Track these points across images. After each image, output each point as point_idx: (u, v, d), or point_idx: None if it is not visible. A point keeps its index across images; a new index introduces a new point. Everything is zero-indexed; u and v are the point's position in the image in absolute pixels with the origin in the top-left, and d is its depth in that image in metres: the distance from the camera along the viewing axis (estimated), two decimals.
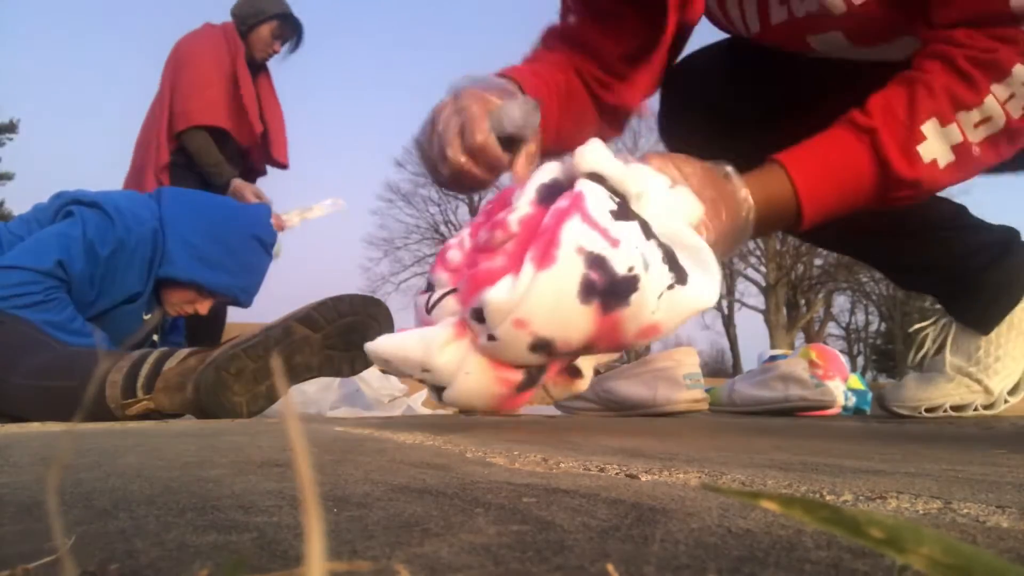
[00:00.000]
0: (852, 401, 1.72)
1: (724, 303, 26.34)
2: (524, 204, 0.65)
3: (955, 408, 1.16)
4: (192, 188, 2.45)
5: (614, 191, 0.63)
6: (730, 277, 26.04)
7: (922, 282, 1.25)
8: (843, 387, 1.66)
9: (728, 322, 26.16)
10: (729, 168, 0.75)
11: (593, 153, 0.64)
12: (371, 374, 1.73)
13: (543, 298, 0.60)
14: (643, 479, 0.41)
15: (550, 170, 0.66)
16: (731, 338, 26.13)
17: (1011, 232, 1.15)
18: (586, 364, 0.74)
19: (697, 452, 0.58)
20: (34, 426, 1.02)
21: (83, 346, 1.33)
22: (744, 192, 0.74)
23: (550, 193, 0.65)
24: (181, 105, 2.43)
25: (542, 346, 0.62)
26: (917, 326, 1.26)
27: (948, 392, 1.17)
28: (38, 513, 0.32)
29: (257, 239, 1.69)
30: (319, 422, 1.09)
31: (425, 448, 0.61)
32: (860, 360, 26.33)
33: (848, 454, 0.57)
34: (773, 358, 1.79)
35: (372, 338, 1.23)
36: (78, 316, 1.43)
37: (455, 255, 0.69)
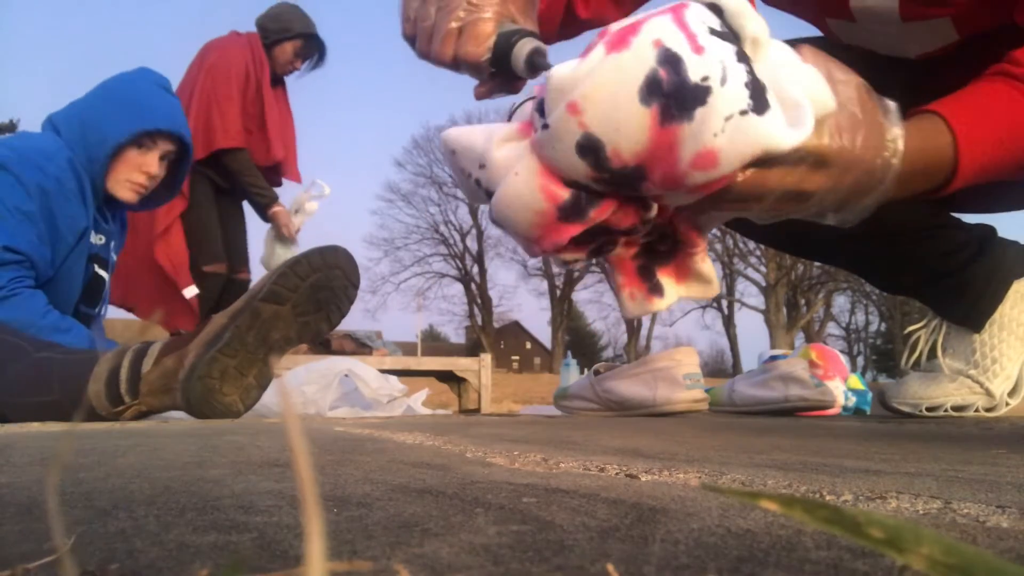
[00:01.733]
0: (852, 401, 1.72)
1: (724, 303, 26.35)
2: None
3: (956, 408, 1.16)
4: (208, 193, 2.47)
5: (728, 25, 0.55)
6: (730, 277, 26.05)
7: (904, 284, 1.25)
8: (843, 387, 1.66)
9: (728, 322, 26.16)
10: (892, 104, 0.62)
11: None
12: (371, 374, 1.73)
13: (603, 84, 0.53)
14: (643, 479, 0.41)
15: None
16: (731, 338, 26.13)
17: (988, 229, 1.15)
18: (670, 286, 0.66)
19: (697, 452, 0.58)
20: (34, 426, 1.02)
21: (59, 345, 1.27)
22: (897, 132, 0.61)
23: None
24: (220, 120, 2.41)
25: (590, 148, 0.54)
26: (910, 328, 1.26)
27: (950, 392, 1.17)
28: (38, 513, 0.32)
29: (151, 83, 1.62)
30: (319, 422, 1.09)
31: (425, 448, 0.61)
32: (860, 360, 26.33)
33: (848, 454, 0.57)
34: (773, 358, 1.79)
35: (339, 290, 1.22)
36: (51, 310, 1.38)
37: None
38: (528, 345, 37.61)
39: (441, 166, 28.78)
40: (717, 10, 0.55)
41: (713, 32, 0.53)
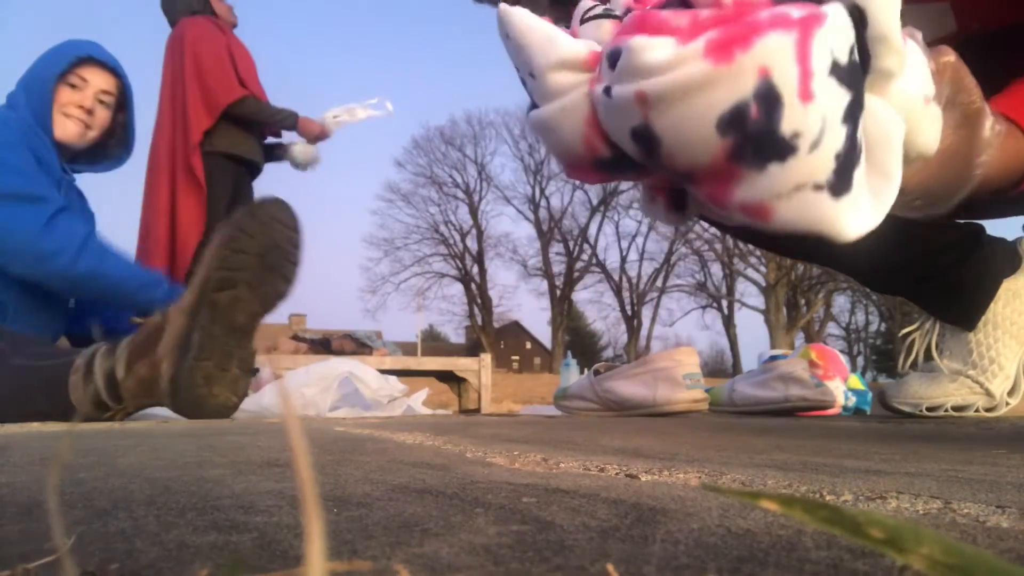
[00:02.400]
0: (852, 401, 1.72)
1: (724, 303, 26.37)
2: None
3: (956, 408, 1.16)
4: (226, 182, 2.49)
5: (863, 45, 0.48)
6: (730, 277, 26.06)
7: (895, 285, 1.25)
8: (843, 387, 1.66)
9: (728, 322, 26.16)
10: (1000, 127, 0.59)
11: None
12: (371, 375, 1.73)
13: (685, 91, 0.47)
14: (643, 479, 0.41)
15: None
16: (731, 338, 26.13)
17: (977, 227, 1.15)
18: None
19: (697, 452, 0.58)
20: (34, 426, 1.02)
21: (35, 342, 1.25)
22: (985, 159, 0.58)
23: None
24: (216, 81, 2.46)
25: (645, 139, 0.50)
26: (904, 331, 1.26)
27: (950, 392, 1.17)
28: (38, 513, 0.32)
29: (77, 40, 1.65)
30: (319, 422, 1.09)
31: (425, 448, 0.61)
32: (860, 360, 26.34)
33: (848, 454, 0.57)
34: (773, 358, 1.80)
35: (285, 244, 1.18)
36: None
37: None
38: (528, 345, 37.61)
39: (441, 166, 28.82)
40: (859, 19, 0.48)
41: (835, 69, 0.47)
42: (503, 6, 0.56)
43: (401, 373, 2.43)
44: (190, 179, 2.43)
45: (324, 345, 3.32)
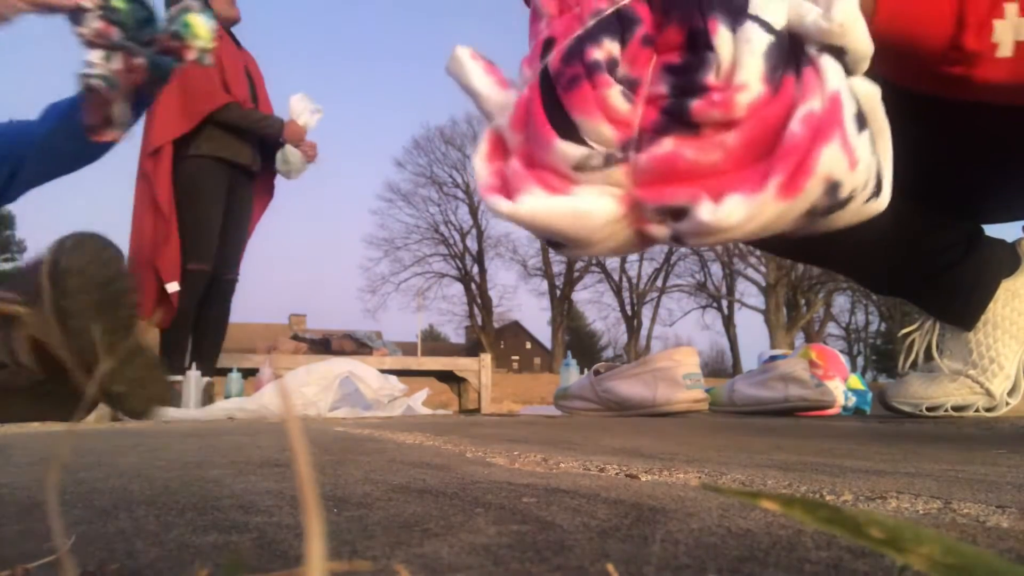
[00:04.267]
0: (852, 401, 1.72)
1: (724, 303, 26.37)
2: (753, 78, 0.51)
3: (956, 408, 1.16)
4: (217, 188, 2.47)
5: (846, 65, 0.51)
6: (730, 277, 26.08)
7: (894, 285, 1.25)
8: (843, 387, 1.66)
9: (728, 322, 26.17)
10: None
11: (852, 9, 0.50)
12: (371, 375, 1.73)
13: (767, 222, 0.51)
14: (643, 479, 0.41)
15: (772, 10, 0.51)
16: (731, 338, 26.13)
17: (975, 227, 1.15)
18: None
19: (697, 452, 0.58)
20: (34, 426, 1.02)
21: None
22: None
23: (779, 60, 0.51)
24: (197, 86, 2.43)
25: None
26: (904, 331, 1.26)
27: (950, 392, 1.17)
28: (38, 513, 0.32)
29: None
30: (319, 422, 1.09)
31: (425, 448, 0.61)
32: (860, 360, 26.34)
33: (848, 454, 0.57)
34: (773, 358, 1.79)
35: (119, 285, 1.16)
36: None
37: (622, 103, 0.54)
38: (528, 345, 37.61)
39: (441, 166, 28.82)
40: (840, 53, 0.51)
41: (858, 123, 0.50)
42: (502, 208, 0.54)
43: (401, 373, 2.43)
44: (143, 183, 2.41)
45: (324, 345, 3.32)
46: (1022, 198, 1.06)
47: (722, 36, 0.51)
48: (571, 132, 0.54)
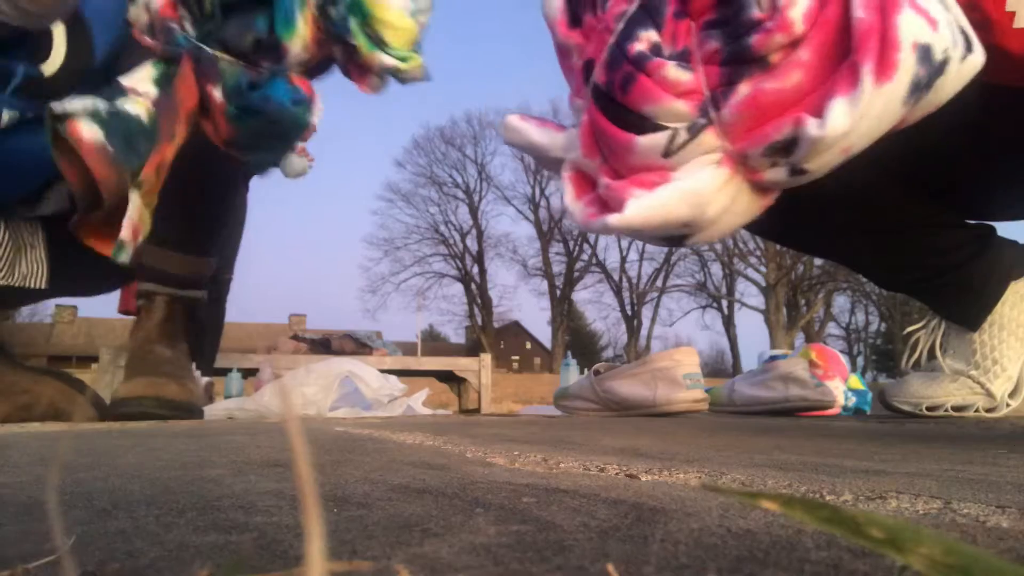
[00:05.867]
0: (852, 401, 1.72)
1: (724, 303, 26.36)
2: None
3: (956, 408, 1.16)
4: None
5: None
6: (730, 277, 26.07)
7: (902, 281, 1.25)
8: (843, 387, 1.66)
9: (728, 322, 26.17)
10: None
11: None
12: (371, 375, 1.73)
13: (879, 114, 0.49)
14: (643, 479, 0.41)
15: None
16: (731, 338, 26.13)
17: (987, 228, 1.15)
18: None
19: (697, 452, 0.58)
20: (34, 426, 1.02)
21: None
22: None
23: None
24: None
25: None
26: (909, 329, 1.26)
27: (951, 392, 1.17)
28: (38, 513, 0.32)
29: None
30: (319, 422, 1.09)
31: (425, 448, 0.61)
32: (860, 360, 26.33)
33: (848, 454, 0.57)
34: (773, 358, 1.79)
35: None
36: None
37: (682, 74, 0.52)
38: (528, 345, 37.60)
39: (441, 166, 28.82)
40: None
41: None
42: (609, 221, 0.54)
43: (401, 373, 2.42)
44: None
45: (324, 345, 3.32)
46: None
47: None
48: (646, 125, 0.54)
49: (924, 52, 0.48)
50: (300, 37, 0.78)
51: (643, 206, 0.53)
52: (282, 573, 0.21)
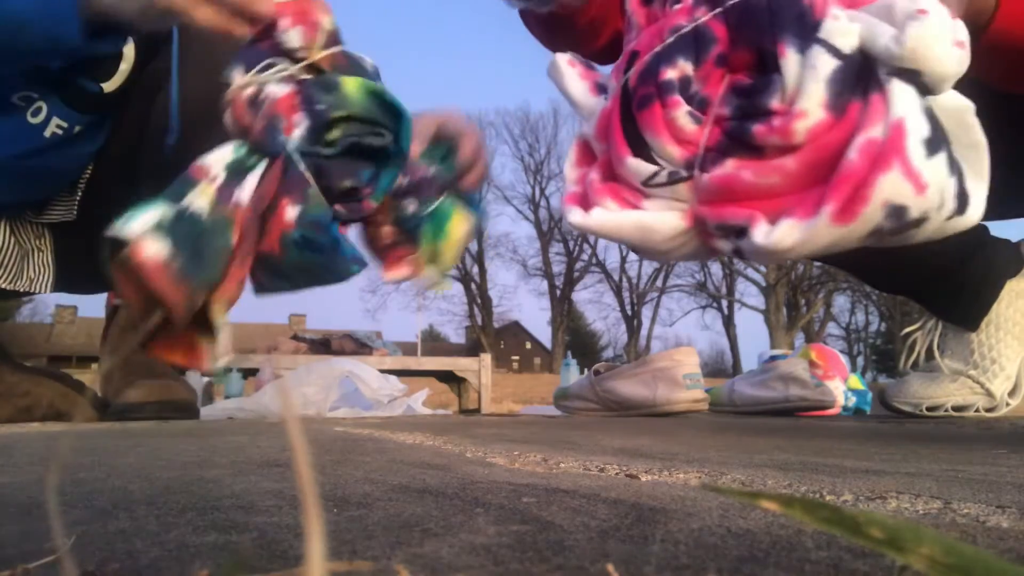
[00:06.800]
0: (852, 401, 1.72)
1: (724, 303, 26.37)
2: (813, 105, 0.50)
3: (956, 408, 1.16)
4: None
5: (924, 85, 0.49)
6: (730, 277, 26.07)
7: (898, 284, 1.25)
8: (843, 387, 1.66)
9: (728, 322, 26.17)
10: None
11: (928, 32, 0.48)
12: (371, 375, 1.73)
13: (828, 244, 0.51)
14: (643, 479, 0.41)
15: (843, 33, 0.50)
16: (731, 338, 26.14)
17: (980, 228, 1.15)
18: None
19: (697, 452, 0.58)
20: (34, 426, 1.02)
21: None
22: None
23: (846, 85, 0.50)
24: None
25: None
26: (906, 330, 1.26)
27: (951, 392, 1.17)
28: (38, 513, 0.32)
29: None
30: (319, 422, 1.09)
31: (425, 448, 0.61)
32: (860, 360, 26.33)
33: (848, 454, 0.57)
34: (773, 358, 1.79)
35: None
36: None
37: (689, 124, 0.54)
38: (528, 345, 37.60)
39: None
40: (915, 75, 0.50)
41: (928, 145, 0.49)
42: (573, 219, 0.56)
43: (401, 373, 2.42)
44: None
45: (324, 345, 3.32)
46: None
47: (790, 59, 0.51)
48: (642, 149, 0.55)
49: (895, 211, 0.49)
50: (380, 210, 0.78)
51: (604, 219, 0.56)
52: (282, 573, 0.21)
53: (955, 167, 0.50)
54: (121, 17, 0.83)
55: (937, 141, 0.49)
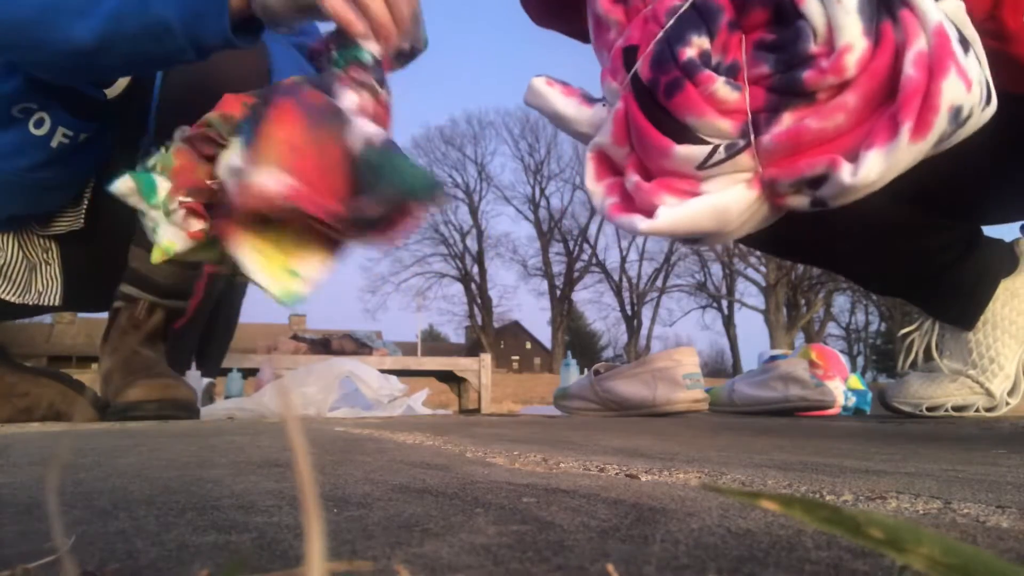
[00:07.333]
0: (852, 401, 1.72)
1: (724, 303, 26.37)
2: (855, 36, 0.50)
3: (956, 408, 1.16)
4: None
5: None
6: (730, 277, 26.07)
7: (893, 285, 1.25)
8: (843, 387, 1.66)
9: (728, 322, 26.17)
10: None
11: None
12: (372, 375, 1.73)
13: (904, 165, 0.51)
14: (643, 479, 0.41)
15: None
16: (731, 338, 26.14)
17: (974, 227, 1.15)
18: None
19: (697, 452, 0.58)
20: (34, 426, 1.02)
21: None
22: None
23: (872, 11, 0.51)
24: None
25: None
26: (903, 331, 1.26)
27: (951, 392, 1.17)
28: (38, 513, 0.32)
29: None
30: (319, 422, 1.09)
31: (425, 448, 0.61)
32: (860, 360, 26.33)
33: (848, 454, 0.57)
34: (773, 358, 1.79)
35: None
36: None
37: (730, 93, 0.53)
38: (528, 345, 37.60)
39: (441, 166, 28.79)
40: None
41: (963, 45, 0.51)
42: (643, 226, 0.56)
43: (401, 373, 2.42)
44: None
45: (324, 345, 3.32)
46: (1019, 201, 1.06)
47: (810, 3, 0.51)
48: (686, 135, 0.54)
49: (955, 112, 0.50)
50: None
51: (674, 215, 0.55)
52: (282, 573, 0.21)
53: (982, 61, 0.52)
54: (268, 13, 0.85)
55: (964, 39, 0.51)
